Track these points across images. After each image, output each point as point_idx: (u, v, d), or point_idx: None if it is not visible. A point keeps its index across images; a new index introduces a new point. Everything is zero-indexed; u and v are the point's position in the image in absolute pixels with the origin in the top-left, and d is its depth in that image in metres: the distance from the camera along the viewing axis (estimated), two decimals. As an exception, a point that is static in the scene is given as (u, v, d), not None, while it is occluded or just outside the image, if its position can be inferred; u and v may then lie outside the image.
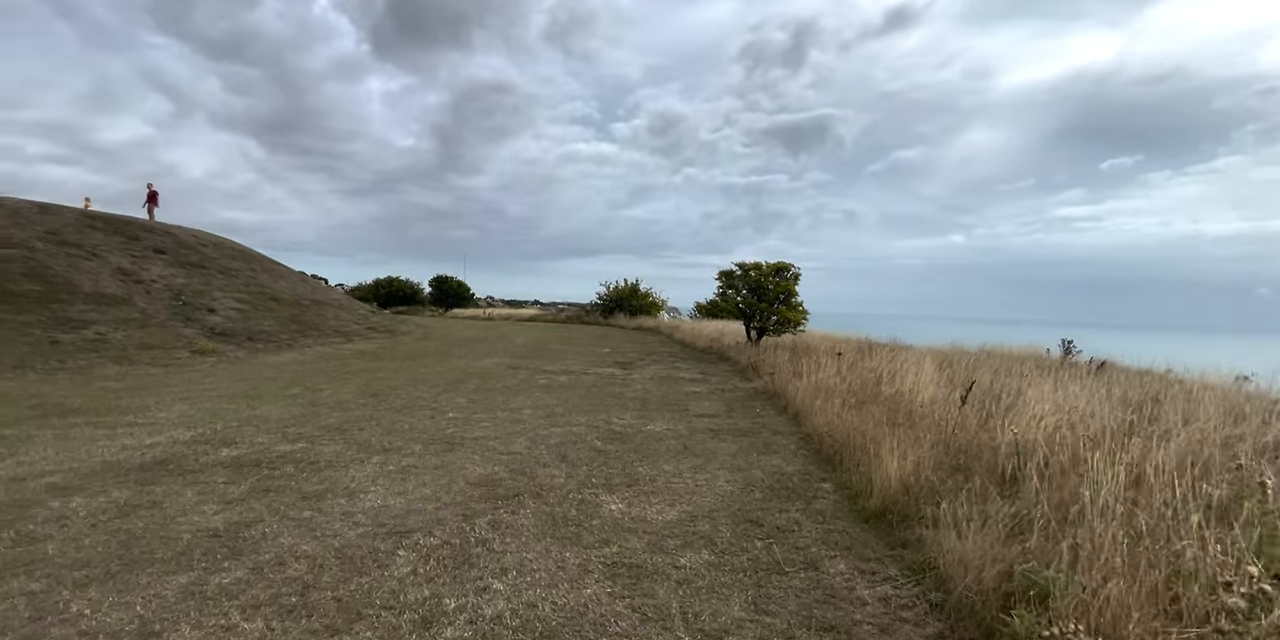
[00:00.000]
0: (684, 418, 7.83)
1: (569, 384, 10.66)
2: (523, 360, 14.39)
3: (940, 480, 3.90)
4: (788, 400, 8.58)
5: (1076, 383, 6.52)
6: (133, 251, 16.01)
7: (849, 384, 7.75)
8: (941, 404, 5.72)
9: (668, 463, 5.39)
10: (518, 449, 5.72)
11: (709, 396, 9.79)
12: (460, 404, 8.27)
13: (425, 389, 9.52)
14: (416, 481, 4.60)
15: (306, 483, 4.49)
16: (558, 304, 54.20)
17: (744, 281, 17.60)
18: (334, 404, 7.89)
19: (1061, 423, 4.54)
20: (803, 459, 5.57)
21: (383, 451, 5.47)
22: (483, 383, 10.43)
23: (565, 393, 9.61)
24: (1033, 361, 11.61)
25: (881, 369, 9.36)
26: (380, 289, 47.97)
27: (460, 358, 14.53)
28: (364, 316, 21.70)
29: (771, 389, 9.99)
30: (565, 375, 11.86)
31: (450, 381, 10.46)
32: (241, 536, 3.46)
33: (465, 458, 5.33)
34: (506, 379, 11.01)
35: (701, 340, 19.72)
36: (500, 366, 13.02)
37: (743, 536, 3.66)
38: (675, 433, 6.78)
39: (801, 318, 16.97)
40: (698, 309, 40.36)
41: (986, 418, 5.07)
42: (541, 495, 4.36)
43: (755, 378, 11.91)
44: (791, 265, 17.80)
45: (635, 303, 33.04)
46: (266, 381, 9.74)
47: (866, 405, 6.69)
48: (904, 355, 12.21)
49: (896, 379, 7.30)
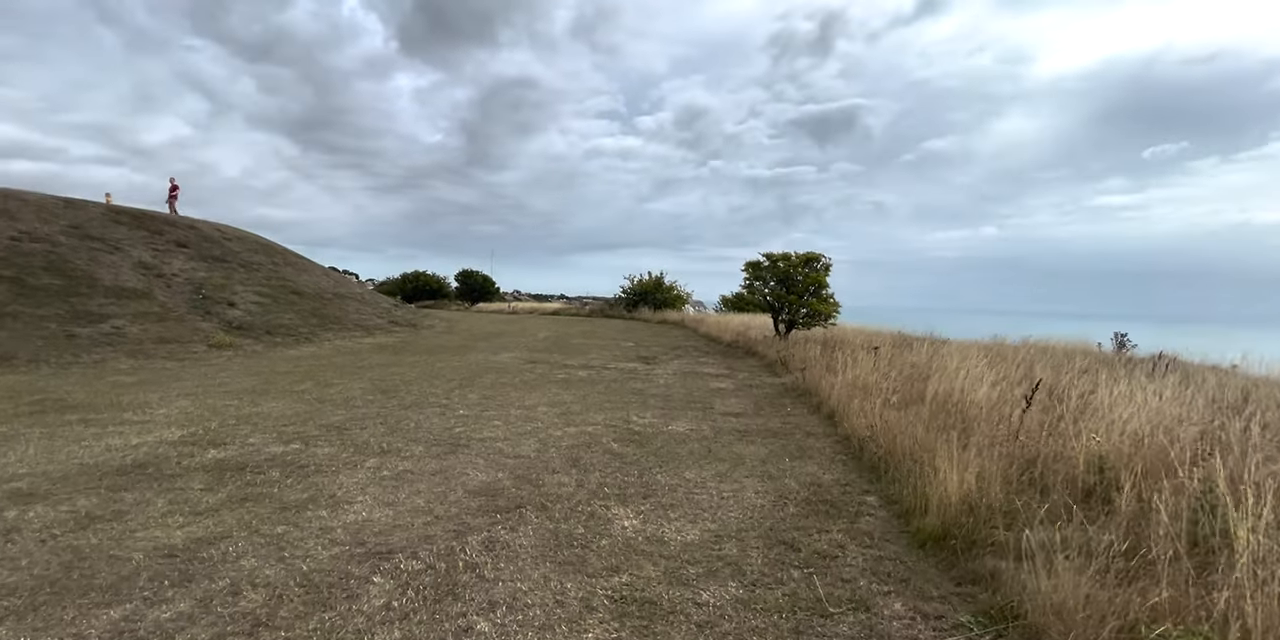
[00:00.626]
0: (708, 417, 7.28)
1: (589, 379, 10.19)
2: (543, 355, 13.97)
3: (1010, 497, 3.30)
4: (821, 398, 7.97)
5: (1151, 381, 5.79)
6: (155, 245, 16.01)
7: (890, 381, 7.11)
8: (1000, 405, 5.07)
9: (690, 469, 4.85)
10: (526, 452, 5.24)
11: (735, 393, 9.22)
12: (472, 401, 7.85)
13: (439, 385, 9.13)
14: (410, 490, 4.15)
15: (289, 491, 4.08)
16: (583, 298, 53.93)
17: (772, 273, 16.88)
18: (341, 401, 7.52)
19: (1150, 429, 3.88)
20: (841, 466, 4.98)
21: (380, 454, 5.04)
22: (499, 378, 10.01)
23: (584, 389, 9.13)
24: (1088, 356, 10.76)
25: (924, 364, 8.67)
26: (407, 283, 48.27)
27: (479, 352, 14.17)
28: (386, 310, 21.56)
29: (802, 386, 9.37)
30: (585, 370, 11.39)
31: (466, 377, 10.07)
32: (200, 557, 3.04)
33: (468, 462, 4.87)
34: (524, 374, 10.58)
35: (727, 334, 19.09)
36: (519, 361, 12.61)
37: (777, 564, 3.11)
38: (699, 434, 6.24)
39: (833, 311, 16.21)
40: (723, 302, 39.65)
41: (1055, 422, 4.42)
42: (547, 507, 3.86)
43: (784, 373, 11.29)
44: (821, 255, 17.02)
45: (659, 296, 32.46)
46: (279, 376, 9.46)
47: (911, 405, 6.06)
48: (945, 350, 11.46)
49: (942, 376, 6.64)
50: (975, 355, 9.35)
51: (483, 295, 47.88)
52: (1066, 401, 5.16)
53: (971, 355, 9.48)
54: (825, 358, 10.95)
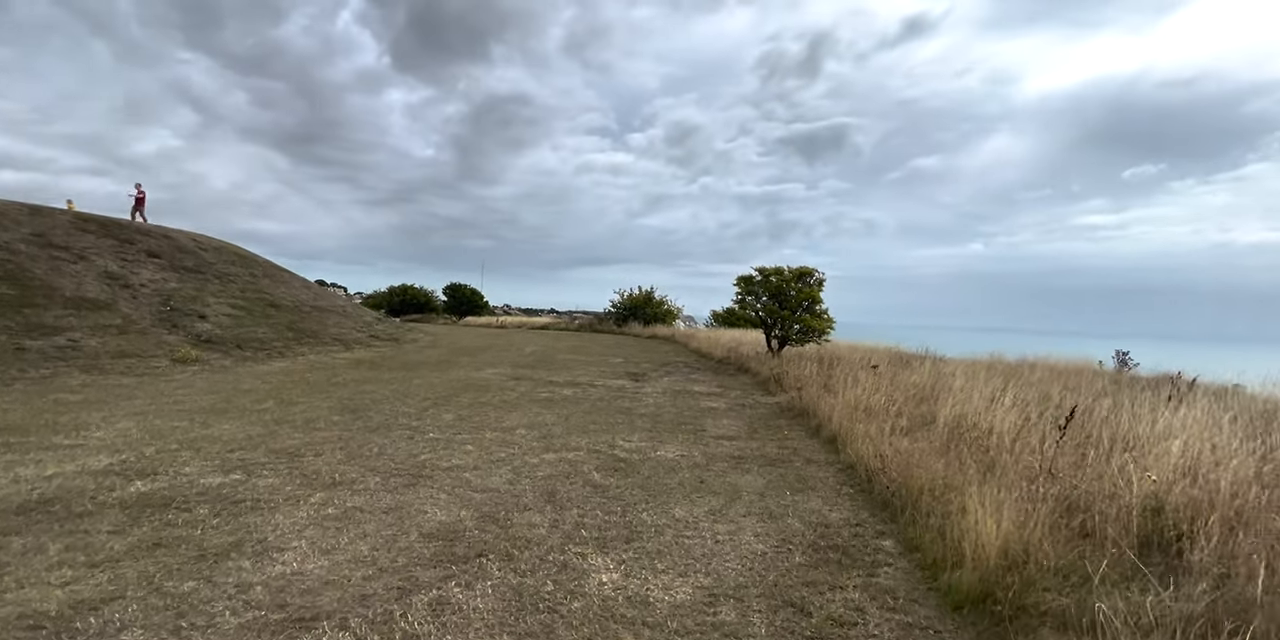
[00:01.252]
0: (700, 440, 6.75)
1: (574, 398, 9.63)
2: (528, 371, 13.40)
3: (1059, 549, 2.79)
4: (820, 420, 7.46)
5: (1181, 405, 5.33)
6: (124, 255, 15.34)
7: (895, 403, 6.62)
8: (1024, 433, 4.58)
9: (680, 505, 4.30)
10: (497, 483, 4.67)
11: (728, 414, 8.69)
12: (446, 422, 7.27)
13: (412, 404, 8.54)
14: (356, 532, 3.57)
15: (214, 533, 3.49)
16: (573, 312, 53.33)
17: (764, 287, 16.47)
18: (302, 422, 6.92)
19: (1199, 462, 3.40)
20: (849, 501, 4.45)
21: (330, 486, 4.46)
22: (478, 396, 9.44)
23: (568, 408, 8.57)
24: (1097, 376, 10.34)
25: (928, 384, 8.20)
26: (394, 297, 47.52)
27: (462, 368, 13.57)
28: (368, 324, 20.91)
29: (798, 405, 8.87)
30: (571, 388, 10.84)
31: (443, 395, 9.49)
32: (72, 629, 2.46)
33: (429, 496, 4.30)
34: (506, 392, 10.01)
35: (718, 350, 18.60)
36: (502, 378, 12.04)
37: (785, 633, 2.57)
38: (690, 460, 5.70)
39: (827, 326, 15.79)
40: (714, 318, 39.20)
41: (1090, 453, 3.92)
42: (512, 556, 3.30)
43: (779, 392, 10.79)
44: (814, 270, 16.64)
45: (650, 311, 32.00)
46: (241, 394, 8.83)
47: (919, 430, 5.57)
48: (947, 368, 11.02)
49: (953, 398, 6.16)
50: (981, 375, 8.90)
51: (471, 309, 47.19)
52: (1091, 427, 4.68)
53: (978, 374, 9.02)
54: (822, 376, 10.47)
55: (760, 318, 16.81)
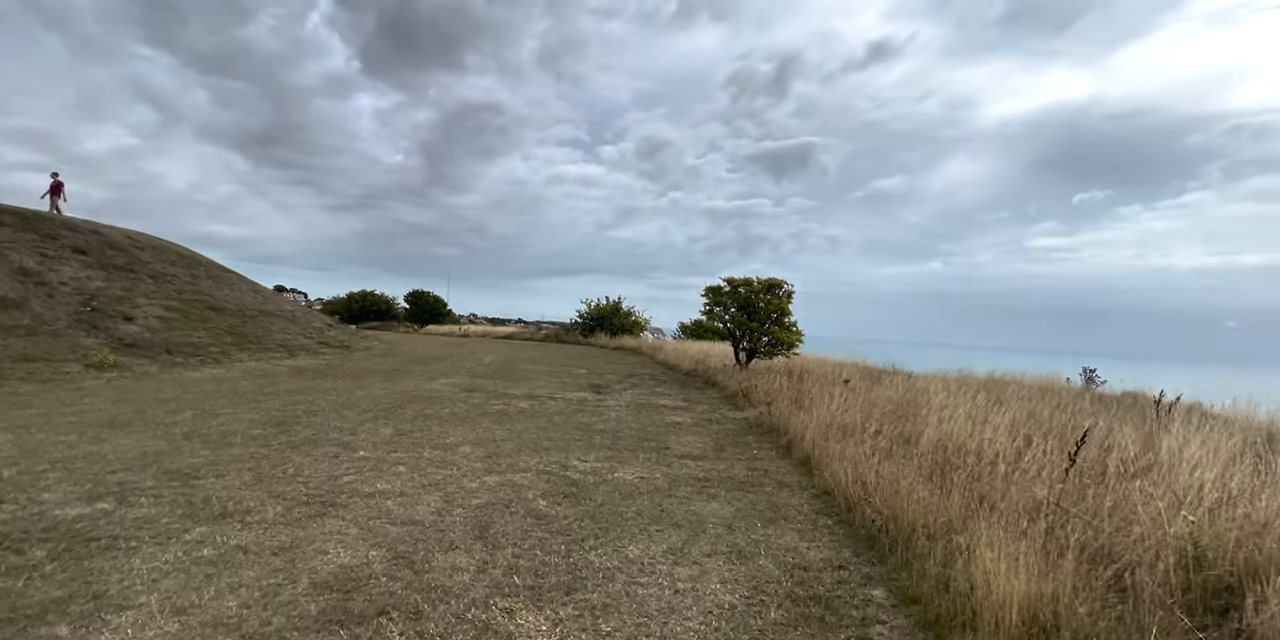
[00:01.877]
0: (663, 459, 6.15)
1: (530, 412, 8.94)
2: (484, 381, 12.64)
3: (1094, 609, 2.27)
4: (790, 438, 6.94)
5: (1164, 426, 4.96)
6: (45, 250, 14.11)
7: (872, 421, 6.14)
8: (1021, 456, 4.12)
9: (635, 540, 3.69)
10: (423, 514, 3.99)
11: (694, 429, 8.13)
12: (383, 438, 6.53)
13: (350, 416, 7.76)
14: (228, 582, 2.86)
15: (42, 585, 2.75)
16: (542, 322, 52.35)
17: (733, 299, 16.02)
18: (216, 437, 6.10)
19: (1234, 496, 2.95)
20: (828, 536, 3.89)
21: (218, 518, 3.71)
22: (425, 408, 8.68)
23: (521, 423, 7.89)
24: (1075, 394, 10.10)
25: (902, 400, 7.78)
26: (353, 303, 45.92)
27: (413, 377, 12.74)
28: (319, 330, 19.81)
29: (768, 421, 8.36)
30: (528, 400, 10.14)
31: (386, 406, 8.70)
32: None
33: (336, 531, 3.60)
34: (456, 404, 9.27)
35: (686, 362, 18.09)
36: (455, 389, 11.27)
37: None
38: (650, 484, 5.09)
39: (796, 339, 15.41)
40: (682, 329, 38.78)
41: (1094, 483, 3.46)
42: (421, 614, 2.64)
43: (747, 406, 10.28)
44: (784, 282, 16.26)
45: (617, 322, 31.38)
46: (156, 404, 7.91)
47: (903, 452, 5.08)
48: (919, 384, 10.68)
49: (935, 416, 5.71)
50: (959, 391, 8.54)
51: (433, 317, 45.88)
52: (1089, 451, 4.24)
53: (955, 391, 8.66)
54: (791, 390, 10.01)
55: (728, 329, 16.37)
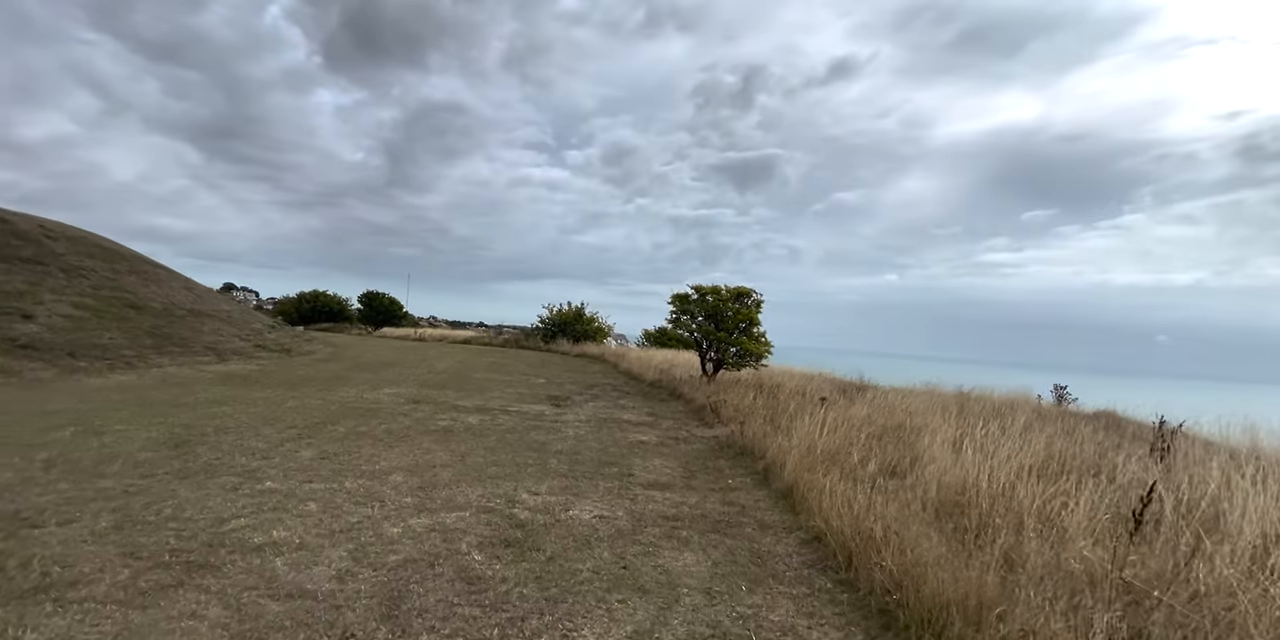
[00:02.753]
0: (627, 490, 5.43)
1: (479, 428, 8.11)
2: (434, 391, 11.71)
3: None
4: (767, 463, 6.31)
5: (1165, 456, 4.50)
6: (-65, 239, 12.58)
7: (856, 445, 5.55)
8: (1050, 503, 3.54)
9: (591, 618, 2.95)
10: (319, 580, 3.15)
11: (660, 450, 7.43)
12: (300, 462, 5.63)
13: (269, 434, 6.80)
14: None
15: None
16: (503, 327, 50.97)
17: (700, 307, 15.44)
18: (88, 464, 5.11)
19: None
20: (831, 606, 3.21)
21: (25, 595, 2.81)
22: (360, 424, 7.76)
23: (468, 442, 7.06)
24: (1072, 417, 9.81)
25: (888, 423, 7.25)
26: (304, 303, 43.84)
27: (355, 386, 11.71)
28: (257, 332, 18.43)
29: (740, 442, 7.72)
30: (479, 414, 9.29)
31: (316, 421, 7.75)
32: None
33: (187, 614, 2.74)
34: (397, 419, 8.36)
35: (650, 372, 17.42)
36: (400, 400, 10.32)
37: None
38: (612, 525, 4.37)
39: (764, 350, 14.90)
40: (645, 337, 38.14)
41: (1154, 540, 2.89)
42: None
43: (717, 423, 9.65)
44: (753, 291, 15.76)
45: (579, 328, 30.53)
46: (34, 418, 6.80)
47: (897, 484, 4.48)
48: (893, 400, 10.24)
49: (927, 442, 5.15)
50: (938, 410, 8.08)
51: (388, 319, 44.18)
52: (1116, 491, 3.71)
53: (934, 410, 8.20)
54: (765, 406, 9.42)
55: (695, 339, 15.77)
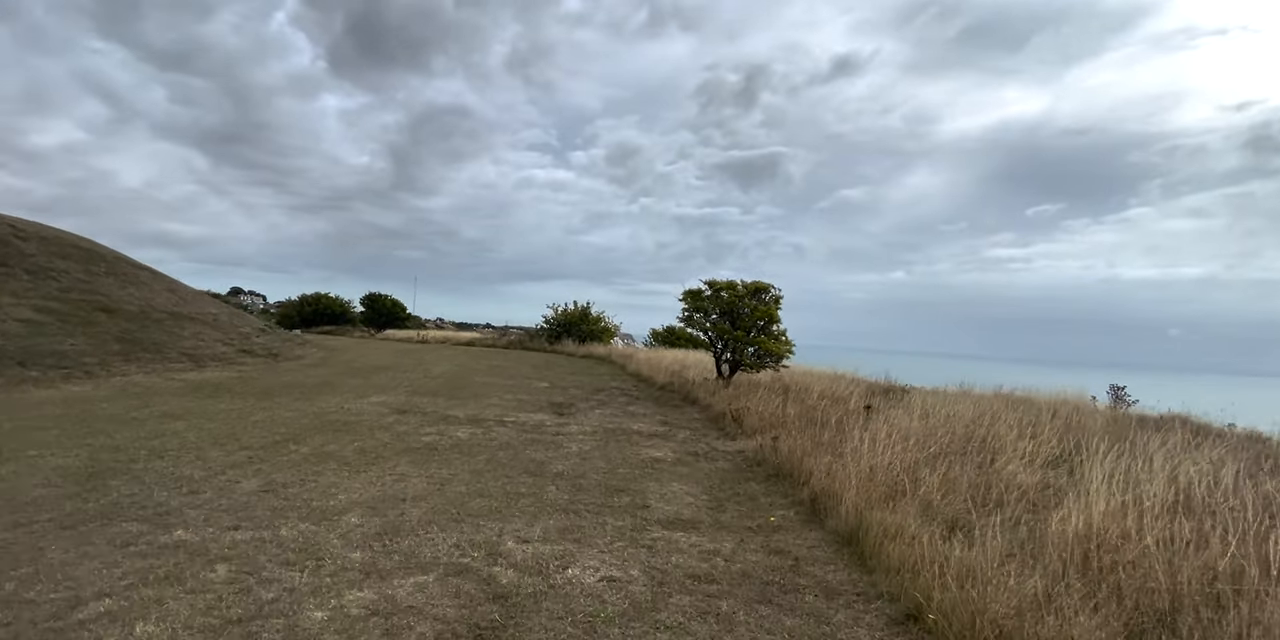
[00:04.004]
0: (641, 532, 4.30)
1: (468, 445, 7.00)
2: (425, 399, 10.62)
3: None
4: (814, 492, 5.14)
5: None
6: (-115, 239, 11.61)
7: (934, 467, 4.38)
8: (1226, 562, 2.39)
9: None
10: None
11: (678, 470, 6.29)
12: (236, 499, 4.53)
13: (213, 457, 5.71)
14: None
15: None
16: (510, 328, 49.93)
17: (715, 303, 14.27)
18: (-35, 503, 4.02)
19: None
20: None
21: None
22: (329, 442, 6.66)
23: (451, 465, 5.95)
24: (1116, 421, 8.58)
25: (945, 435, 6.07)
26: (306, 306, 42.98)
27: (340, 394, 10.64)
28: (244, 337, 17.42)
29: (772, 459, 6.57)
30: (471, 427, 8.18)
31: (277, 439, 6.66)
32: None
33: None
34: (375, 434, 7.27)
35: (660, 374, 16.26)
36: (385, 410, 9.23)
37: None
38: (624, 594, 3.23)
39: (786, 350, 13.71)
40: (653, 336, 36.96)
41: None
42: None
43: (740, 435, 8.50)
44: (770, 286, 14.52)
45: (585, 328, 29.40)
46: (-57, 441, 5.74)
47: (1015, 532, 3.32)
48: (943, 408, 9.04)
49: (1006, 458, 3.98)
50: (998, 419, 6.88)
51: (391, 321, 43.25)
52: None
53: (992, 417, 7.00)
54: (799, 415, 8.24)
55: (709, 338, 14.61)
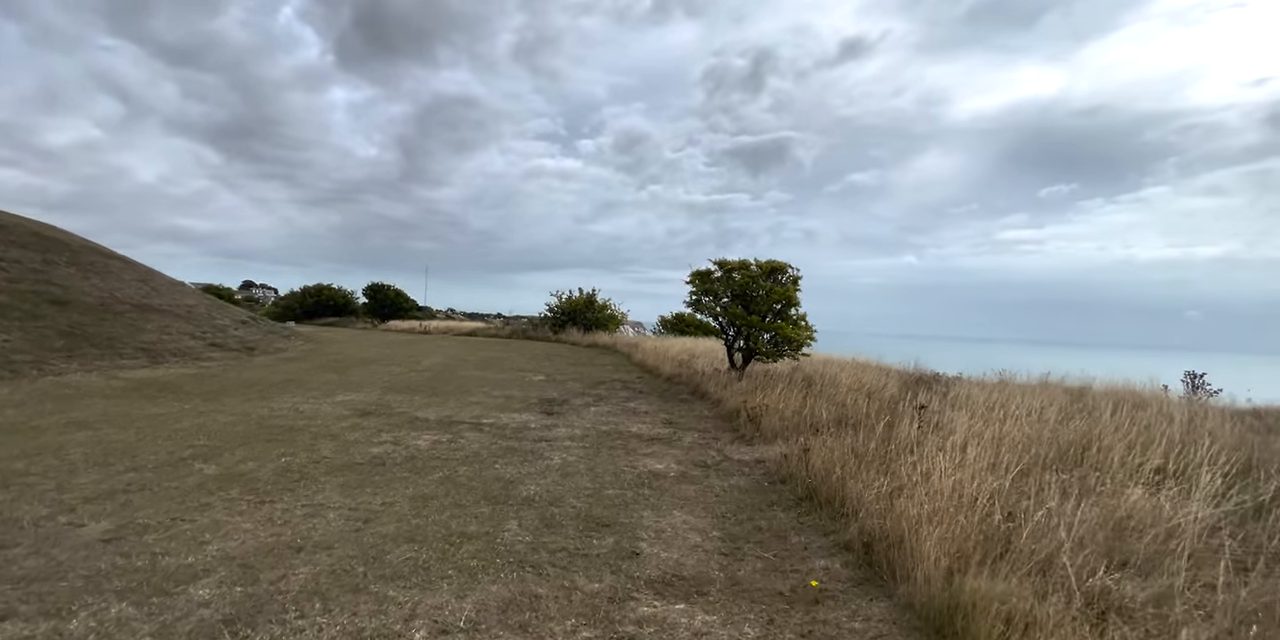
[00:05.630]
0: (623, 605, 2.95)
1: (426, 456, 5.67)
2: (400, 397, 9.34)
3: None
4: (868, 530, 3.75)
5: None
6: None
7: (1046, 502, 2.98)
8: None
9: None
10: None
11: (682, 491, 4.92)
12: (64, 552, 3.23)
13: (79, 485, 4.43)
14: None
15: None
16: (520, 317, 48.72)
17: (726, 285, 12.80)
18: None
19: None
20: None
21: None
22: (250, 457, 5.37)
23: (393, 488, 4.62)
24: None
25: (1023, 440, 4.64)
26: (308, 298, 42.05)
27: (303, 392, 9.38)
28: (219, 329, 16.22)
29: (801, 473, 5.18)
30: (437, 432, 6.87)
31: (187, 455, 5.38)
32: None
33: None
34: (316, 445, 5.97)
35: (667, 364, 14.87)
36: (345, 412, 7.95)
37: None
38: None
39: (806, 337, 12.26)
40: (662, 324, 35.55)
41: None
42: None
43: (756, 438, 7.10)
44: (788, 266, 13.00)
45: (591, 316, 28.03)
46: None
47: None
48: (991, 400, 7.60)
49: (1131, 486, 2.59)
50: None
51: (395, 312, 42.20)
52: None
53: (1073, 418, 5.57)
54: (831, 417, 6.83)
55: (720, 324, 13.17)
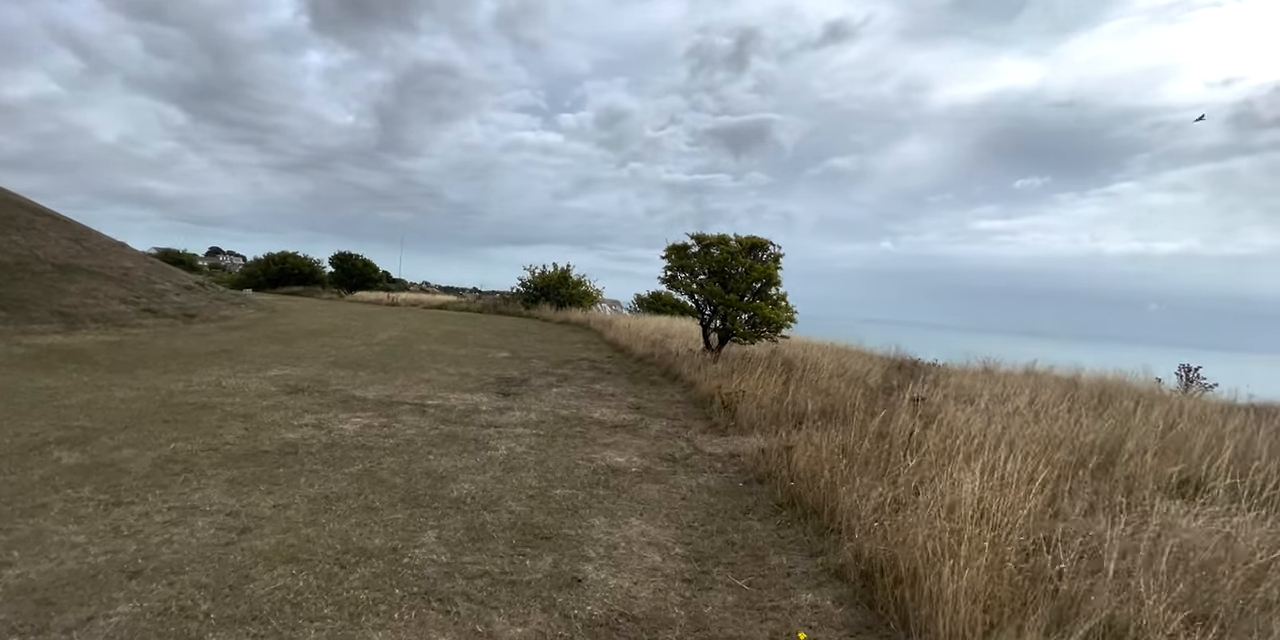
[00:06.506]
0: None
1: (350, 444, 4.86)
2: (343, 373, 8.46)
3: None
4: (866, 554, 3.07)
5: None
6: None
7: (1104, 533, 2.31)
8: None
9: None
10: None
11: (644, 491, 4.19)
12: None
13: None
14: None
15: None
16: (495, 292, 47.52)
17: (703, 262, 12.02)
18: None
19: None
20: None
21: None
22: (132, 443, 4.50)
23: (295, 484, 3.81)
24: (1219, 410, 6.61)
25: (1044, 443, 4.00)
26: (272, 265, 40.15)
27: (234, 365, 8.43)
28: (158, 294, 15.00)
29: (782, 473, 4.48)
30: (371, 414, 6.05)
31: (54, 439, 4.50)
32: None
33: None
34: (222, 428, 5.11)
35: (639, 343, 14.13)
36: (274, 388, 7.07)
37: None
38: None
39: (787, 318, 11.59)
40: (638, 302, 34.75)
41: None
42: None
43: (730, 428, 6.41)
44: (769, 242, 12.25)
45: (565, 292, 27.10)
46: None
47: None
48: (985, 390, 7.02)
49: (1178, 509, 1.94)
50: (1095, 416, 4.84)
51: (362, 283, 40.67)
52: None
53: (1082, 414, 4.96)
54: (817, 406, 6.16)
55: (695, 303, 12.42)
